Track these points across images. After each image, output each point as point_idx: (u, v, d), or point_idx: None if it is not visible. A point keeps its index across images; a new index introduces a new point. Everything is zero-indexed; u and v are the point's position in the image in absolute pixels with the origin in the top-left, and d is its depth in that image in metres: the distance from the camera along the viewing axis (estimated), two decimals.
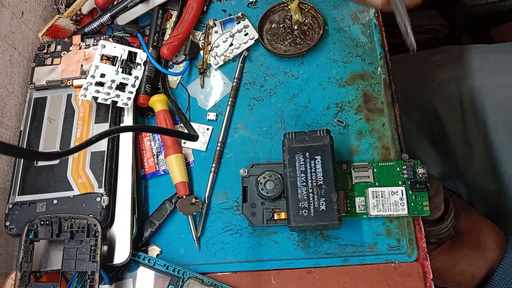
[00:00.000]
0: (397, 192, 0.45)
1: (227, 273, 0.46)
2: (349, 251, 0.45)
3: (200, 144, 0.51)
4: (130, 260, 0.45)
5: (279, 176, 0.46)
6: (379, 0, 0.41)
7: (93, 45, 0.54)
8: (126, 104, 0.50)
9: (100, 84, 0.50)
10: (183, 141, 0.52)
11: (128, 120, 0.51)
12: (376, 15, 0.54)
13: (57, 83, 0.52)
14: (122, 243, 0.45)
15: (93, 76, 0.50)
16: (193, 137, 0.46)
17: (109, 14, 0.57)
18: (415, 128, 0.72)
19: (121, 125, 0.51)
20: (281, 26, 0.55)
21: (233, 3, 0.58)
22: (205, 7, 0.58)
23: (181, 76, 0.55)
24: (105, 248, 0.45)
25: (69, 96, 0.52)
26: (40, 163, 0.49)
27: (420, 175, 0.45)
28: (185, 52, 0.55)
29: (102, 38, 0.53)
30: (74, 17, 0.59)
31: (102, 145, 0.48)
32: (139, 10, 0.57)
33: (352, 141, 0.49)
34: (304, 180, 0.43)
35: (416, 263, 0.44)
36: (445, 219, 0.50)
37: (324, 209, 0.41)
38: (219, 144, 0.51)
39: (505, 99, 0.60)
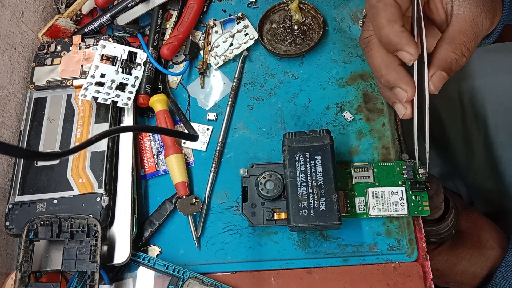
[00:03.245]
0: (397, 192, 0.45)
1: (227, 273, 0.46)
2: (349, 251, 0.45)
3: (200, 144, 0.51)
4: (130, 260, 0.45)
5: (279, 176, 0.46)
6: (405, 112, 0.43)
7: (93, 45, 0.54)
8: (126, 104, 0.50)
9: (100, 84, 0.50)
10: (183, 141, 0.52)
11: (128, 120, 0.51)
12: None
13: (57, 83, 0.52)
14: (122, 243, 0.45)
15: (93, 76, 0.50)
16: (193, 137, 0.46)
17: (109, 14, 0.57)
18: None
19: (121, 125, 0.51)
20: (281, 26, 0.55)
21: (233, 3, 0.58)
22: (205, 7, 0.58)
23: (181, 76, 0.55)
24: (105, 248, 0.45)
25: (69, 96, 0.52)
26: (40, 163, 0.49)
27: (420, 175, 0.45)
28: (185, 52, 0.55)
29: (102, 38, 0.53)
30: (74, 17, 0.59)
31: (102, 145, 0.48)
32: (139, 10, 0.57)
33: (352, 141, 0.49)
34: (304, 180, 0.43)
35: (416, 263, 0.44)
36: (445, 218, 0.50)
37: (324, 209, 0.41)
38: (219, 144, 0.51)
39: (505, 99, 0.60)
